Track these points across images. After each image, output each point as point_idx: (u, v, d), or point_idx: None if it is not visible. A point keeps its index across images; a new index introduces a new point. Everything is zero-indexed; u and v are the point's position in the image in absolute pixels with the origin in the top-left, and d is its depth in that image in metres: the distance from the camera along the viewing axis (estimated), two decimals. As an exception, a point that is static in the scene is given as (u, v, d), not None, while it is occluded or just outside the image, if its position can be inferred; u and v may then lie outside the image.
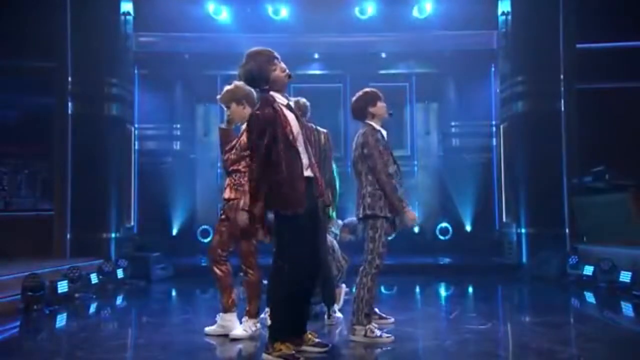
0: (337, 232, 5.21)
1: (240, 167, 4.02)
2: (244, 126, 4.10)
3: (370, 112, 3.99)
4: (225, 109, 4.18)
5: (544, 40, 8.07)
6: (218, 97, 4.21)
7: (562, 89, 8.06)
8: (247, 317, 4.04)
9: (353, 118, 4.07)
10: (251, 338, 3.97)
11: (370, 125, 3.98)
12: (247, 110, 4.12)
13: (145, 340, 4.11)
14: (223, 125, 4.20)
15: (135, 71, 9.12)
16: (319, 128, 4.55)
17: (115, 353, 3.79)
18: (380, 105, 4.00)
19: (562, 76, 8.06)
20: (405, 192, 4.01)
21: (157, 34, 9.08)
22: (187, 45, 9.16)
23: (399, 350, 3.73)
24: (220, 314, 4.12)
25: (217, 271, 4.10)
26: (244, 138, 4.03)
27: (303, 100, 4.69)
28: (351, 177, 4.14)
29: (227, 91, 4.16)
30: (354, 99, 4.06)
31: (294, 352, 3.29)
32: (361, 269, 3.93)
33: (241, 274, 4.16)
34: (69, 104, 7.90)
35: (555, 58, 8.05)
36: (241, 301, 4.38)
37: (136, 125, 9.10)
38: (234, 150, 4.07)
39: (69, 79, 7.90)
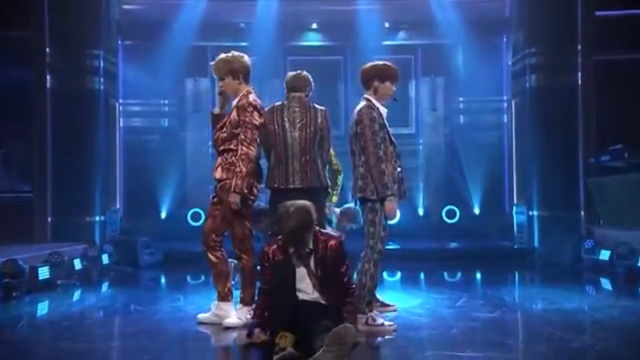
0: (333, 219, 5.20)
1: (231, 146, 3.99)
2: (234, 102, 4.08)
3: (374, 86, 3.98)
4: (218, 79, 4.11)
5: (560, 7, 7.97)
6: (211, 63, 4.12)
7: (580, 60, 7.98)
8: (241, 305, 4.06)
9: (359, 82, 4.07)
10: (245, 326, 3.99)
11: (369, 100, 3.97)
12: (243, 86, 4.07)
13: (133, 328, 4.13)
14: (216, 111, 4.17)
15: (119, 42, 9.02)
16: (316, 105, 4.49)
17: (101, 342, 3.82)
18: (387, 86, 3.99)
19: (579, 47, 7.98)
20: (404, 173, 4.02)
21: (142, 1, 8.97)
22: (175, 14, 9.04)
23: (402, 339, 3.76)
24: (216, 302, 4.13)
25: (212, 258, 4.09)
26: (234, 115, 4.00)
27: (305, 72, 4.60)
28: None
29: (224, 61, 4.06)
30: (369, 64, 4.08)
31: None
32: (362, 254, 3.94)
33: (232, 260, 4.18)
34: (48, 77, 7.81)
35: (572, 27, 7.97)
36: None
37: (121, 101, 9.04)
38: (224, 129, 4.03)
39: (47, 50, 7.80)
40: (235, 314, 4.04)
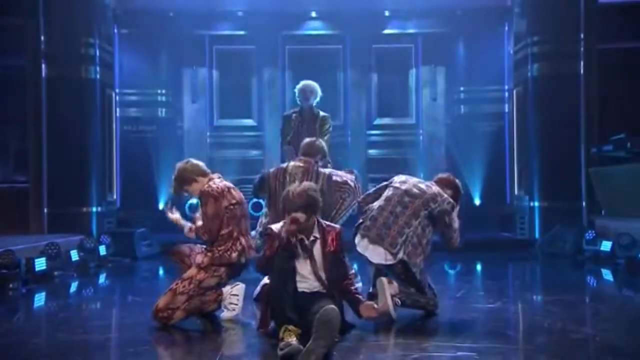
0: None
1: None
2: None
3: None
4: None
5: (562, -5, 7.96)
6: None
7: (582, 49, 7.95)
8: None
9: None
10: (241, 314, 4.03)
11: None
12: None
13: (130, 320, 4.14)
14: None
15: (115, 30, 8.97)
16: (319, 170, 4.68)
17: (99, 334, 3.82)
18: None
19: (582, 35, 7.95)
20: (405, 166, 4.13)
21: (139, -12, 8.90)
22: (173, 2, 8.98)
23: (402, 329, 3.77)
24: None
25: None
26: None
27: (320, 141, 4.85)
28: (351, 148, 4.17)
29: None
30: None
31: None
32: (427, 308, 4.09)
33: None
34: (43, 65, 7.78)
35: (574, 15, 7.93)
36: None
37: (117, 90, 9.00)
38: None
39: (42, 37, 7.76)
40: (225, 309, 4.06)
